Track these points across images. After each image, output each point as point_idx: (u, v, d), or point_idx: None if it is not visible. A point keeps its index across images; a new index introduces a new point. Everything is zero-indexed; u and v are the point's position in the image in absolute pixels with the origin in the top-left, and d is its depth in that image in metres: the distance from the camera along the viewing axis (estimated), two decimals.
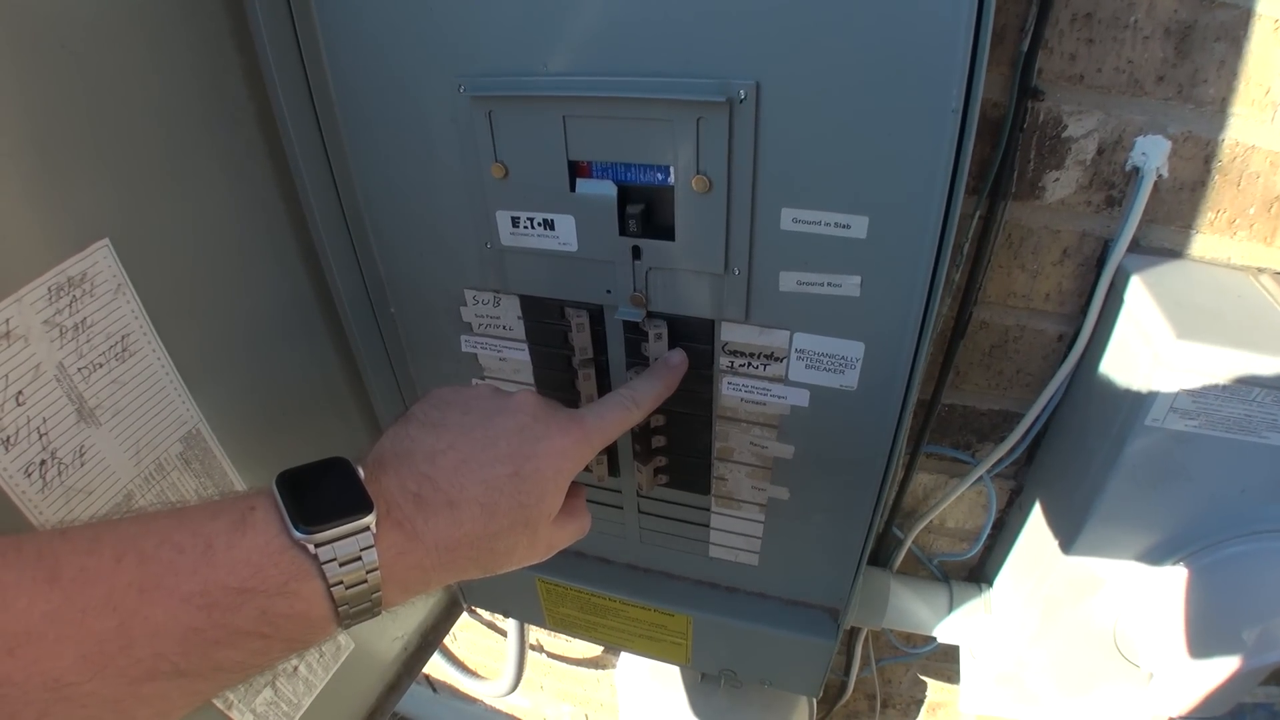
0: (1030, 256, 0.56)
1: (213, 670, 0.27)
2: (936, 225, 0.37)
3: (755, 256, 0.42)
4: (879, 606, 0.75)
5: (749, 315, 0.44)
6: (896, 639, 0.90)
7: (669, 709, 0.88)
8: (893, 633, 0.89)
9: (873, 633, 0.90)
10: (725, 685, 0.86)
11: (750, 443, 0.51)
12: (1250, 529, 0.52)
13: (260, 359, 0.50)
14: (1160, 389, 0.47)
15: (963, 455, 0.68)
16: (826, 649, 0.60)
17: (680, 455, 0.54)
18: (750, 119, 0.37)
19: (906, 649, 0.90)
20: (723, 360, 0.47)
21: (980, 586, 0.76)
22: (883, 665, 0.96)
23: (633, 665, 0.95)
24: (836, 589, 0.59)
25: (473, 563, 0.34)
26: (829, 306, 0.42)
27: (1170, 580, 0.54)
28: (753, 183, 0.39)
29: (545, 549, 0.38)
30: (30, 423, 0.35)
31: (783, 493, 0.53)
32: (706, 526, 0.58)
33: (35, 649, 0.23)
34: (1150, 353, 0.47)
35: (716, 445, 0.52)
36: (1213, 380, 0.46)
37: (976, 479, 0.67)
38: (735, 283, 0.43)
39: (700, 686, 0.89)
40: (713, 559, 0.61)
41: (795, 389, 0.47)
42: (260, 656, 0.28)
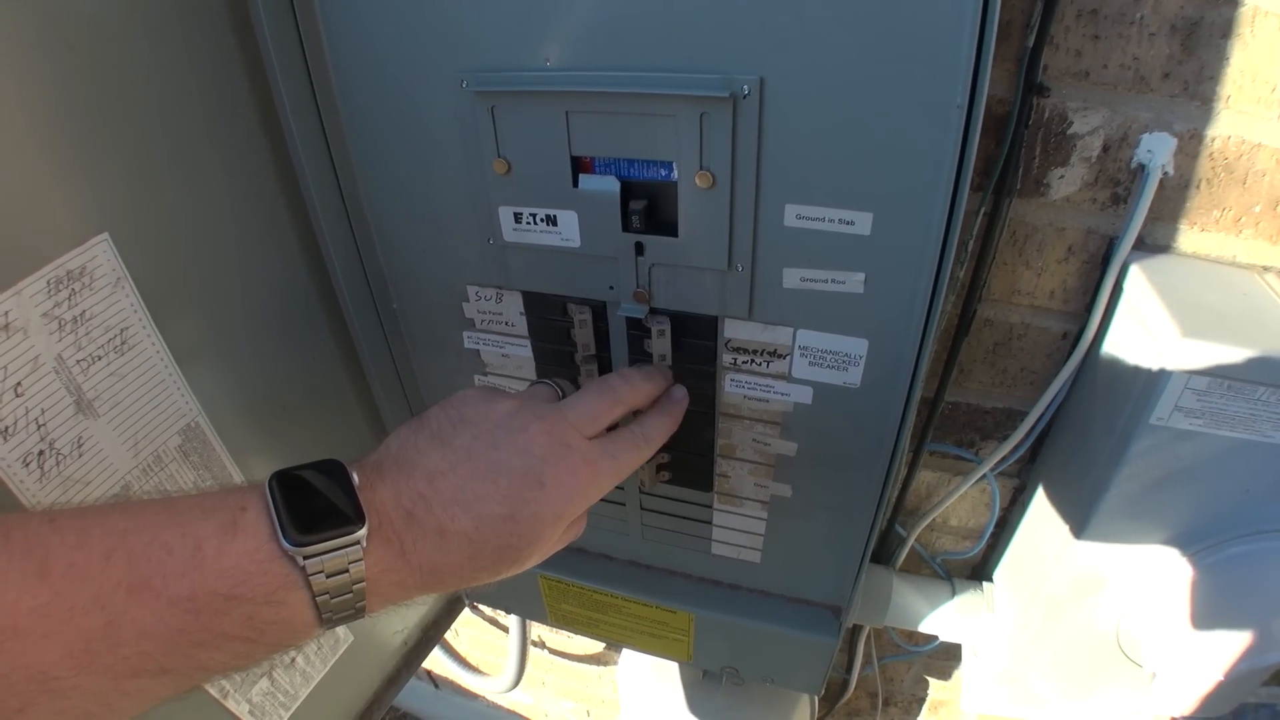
0: (1035, 254, 0.56)
1: (196, 669, 0.27)
2: (941, 222, 0.37)
3: (759, 253, 0.41)
4: (881, 604, 0.75)
5: (752, 312, 0.44)
6: (899, 637, 0.90)
7: (670, 706, 0.88)
8: (895, 631, 0.89)
9: (875, 631, 0.90)
10: (727, 683, 0.86)
11: (753, 440, 0.51)
12: (1254, 528, 0.52)
13: (261, 353, 0.50)
14: (1165, 387, 0.46)
15: (966, 453, 0.68)
16: (828, 647, 0.60)
17: (683, 452, 0.53)
18: (754, 115, 0.36)
19: (908, 647, 0.90)
20: (726, 357, 0.47)
21: (983, 585, 0.76)
22: (885, 663, 0.96)
23: (634, 662, 0.96)
24: (839, 587, 0.59)
25: (457, 583, 0.34)
26: (832, 303, 0.42)
27: (1174, 579, 0.54)
28: (756, 179, 0.39)
29: (538, 561, 0.38)
30: (29, 413, 0.35)
31: (785, 490, 0.53)
32: (709, 524, 0.58)
33: (22, 643, 0.23)
34: (1155, 351, 0.47)
35: (719, 442, 0.52)
36: (1218, 379, 0.45)
37: (980, 477, 0.67)
38: (738, 279, 0.43)
39: (702, 684, 0.89)
40: (715, 556, 0.61)
41: (798, 386, 0.47)
42: (243, 659, 0.28)
